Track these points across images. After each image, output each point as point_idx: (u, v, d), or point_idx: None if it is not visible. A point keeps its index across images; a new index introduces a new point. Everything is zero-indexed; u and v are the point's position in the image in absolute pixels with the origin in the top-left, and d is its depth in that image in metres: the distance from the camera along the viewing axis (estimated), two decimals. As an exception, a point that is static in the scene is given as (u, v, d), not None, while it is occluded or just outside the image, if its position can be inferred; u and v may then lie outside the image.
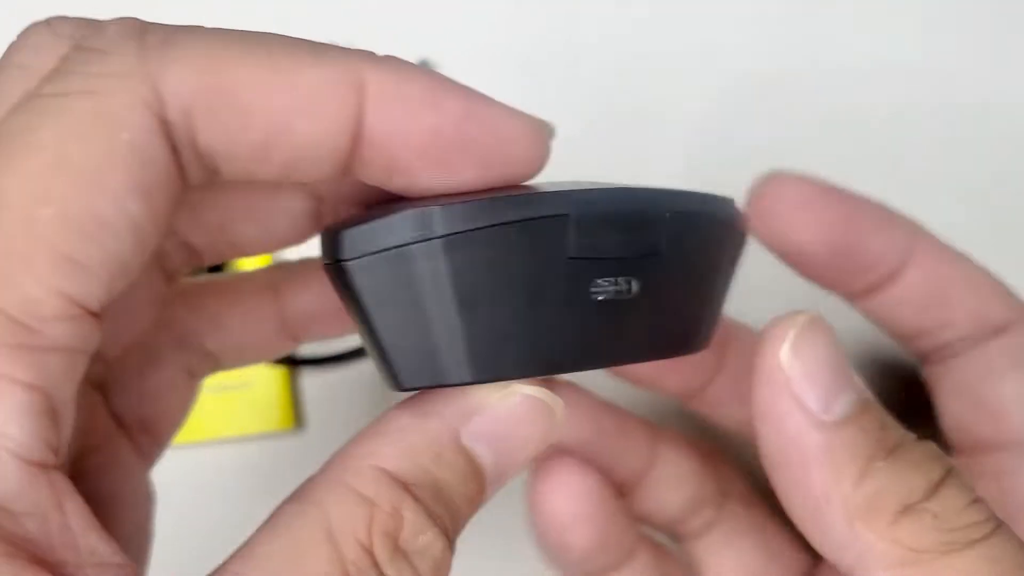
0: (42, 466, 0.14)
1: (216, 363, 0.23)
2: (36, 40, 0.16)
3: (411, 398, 0.18)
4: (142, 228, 0.15)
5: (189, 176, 0.16)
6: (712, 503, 0.26)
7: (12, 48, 0.17)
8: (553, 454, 0.25)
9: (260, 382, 0.32)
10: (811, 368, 0.18)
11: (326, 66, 0.16)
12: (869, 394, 0.19)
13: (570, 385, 0.25)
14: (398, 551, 0.16)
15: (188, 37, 0.16)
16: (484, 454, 0.17)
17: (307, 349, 0.33)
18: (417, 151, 0.16)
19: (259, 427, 0.32)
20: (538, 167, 0.17)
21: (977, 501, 0.17)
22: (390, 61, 0.16)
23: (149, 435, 0.22)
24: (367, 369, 0.33)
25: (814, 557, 0.26)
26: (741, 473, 0.27)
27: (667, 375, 0.25)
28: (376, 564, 0.15)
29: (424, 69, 0.16)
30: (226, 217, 0.20)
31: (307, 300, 0.22)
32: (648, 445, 0.25)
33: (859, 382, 0.19)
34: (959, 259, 0.24)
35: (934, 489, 0.17)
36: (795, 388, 0.18)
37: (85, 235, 0.14)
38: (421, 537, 0.16)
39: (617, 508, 0.25)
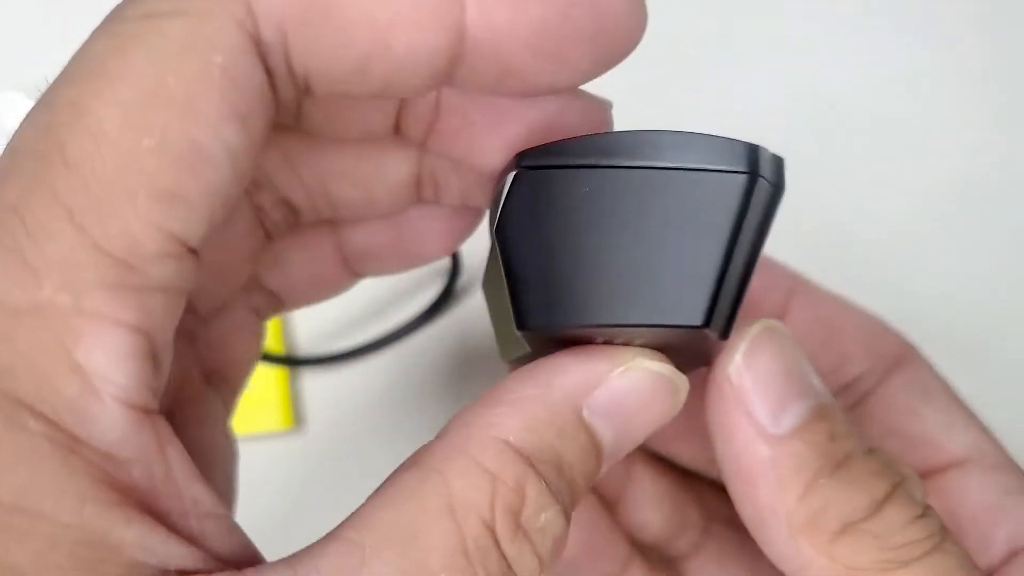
0: (145, 411, 0.14)
1: (279, 303, 0.22)
2: None
3: (530, 367, 0.17)
4: (239, 156, 0.14)
5: (282, 97, 0.15)
6: (695, 526, 0.26)
7: None
8: None
9: (260, 382, 0.32)
10: (762, 380, 0.18)
11: None
12: (827, 398, 0.18)
13: None
14: (519, 529, 0.15)
15: None
16: (604, 430, 0.17)
17: (307, 349, 0.33)
18: (527, 46, 0.15)
19: (259, 427, 0.32)
20: (639, 38, 0.16)
21: (922, 516, 0.17)
22: None
23: (226, 383, 0.21)
24: (367, 369, 0.33)
25: None
26: (726, 495, 0.27)
27: None
28: (497, 542, 0.15)
29: None
30: (327, 176, 0.20)
31: (366, 234, 0.21)
32: (623, 464, 0.25)
33: (818, 386, 0.18)
34: (838, 300, 0.25)
35: (877, 507, 0.17)
36: (744, 401, 0.18)
37: (185, 166, 0.13)
38: (543, 515, 0.15)
39: (605, 518, 0.25)
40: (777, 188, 0.17)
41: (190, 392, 0.19)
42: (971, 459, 0.23)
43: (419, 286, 0.34)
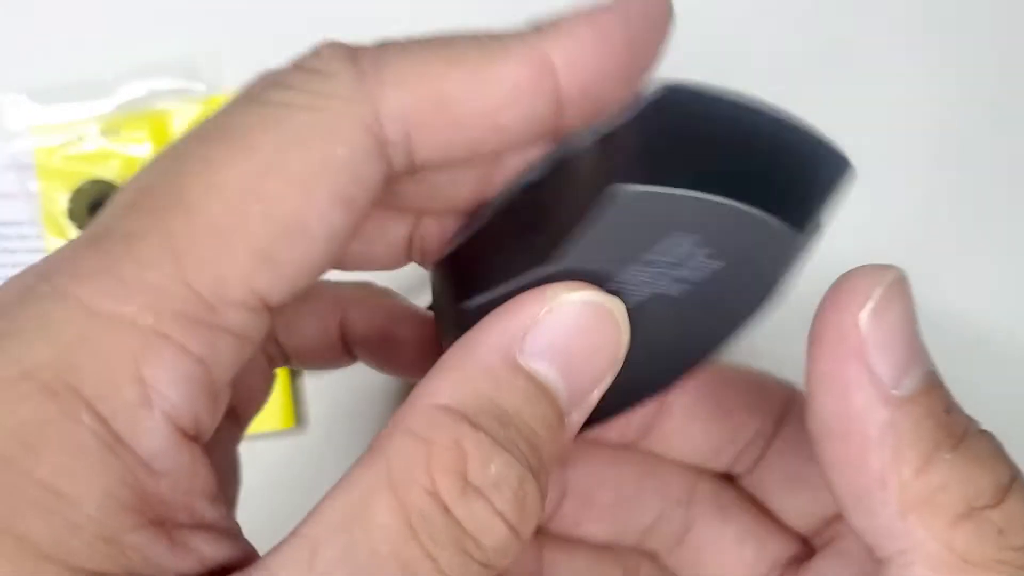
0: (187, 435, 0.15)
1: (286, 358, 0.23)
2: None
3: (465, 335, 0.17)
4: (338, 234, 0.16)
5: (394, 175, 0.17)
6: (757, 439, 0.24)
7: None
8: None
9: (261, 382, 0.32)
10: (889, 335, 0.16)
11: (515, 56, 0.16)
12: (936, 370, 0.17)
13: None
14: (468, 487, 0.15)
15: (395, 57, 0.16)
16: (547, 371, 0.16)
17: (307, 349, 0.34)
18: (613, 85, 0.17)
19: (259, 427, 0.32)
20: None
21: None
22: (563, 27, 0.17)
23: (236, 419, 0.23)
24: (367, 369, 0.33)
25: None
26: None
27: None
28: (446, 507, 0.15)
29: (586, 13, 0.17)
30: None
31: (364, 323, 0.23)
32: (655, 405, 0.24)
33: (928, 356, 0.17)
34: (718, 368, 0.24)
35: (1003, 494, 0.16)
36: (870, 356, 0.16)
37: (285, 236, 0.15)
38: (492, 466, 0.15)
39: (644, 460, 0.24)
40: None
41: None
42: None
43: (420, 285, 0.34)
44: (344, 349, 0.23)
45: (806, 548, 0.24)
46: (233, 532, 0.16)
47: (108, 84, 0.33)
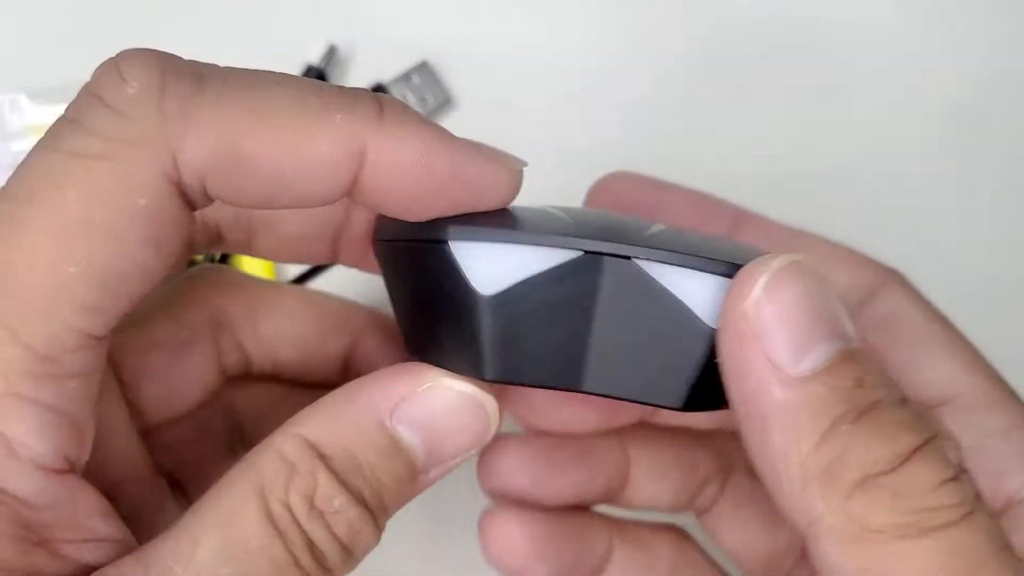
0: (58, 471, 0.17)
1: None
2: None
3: (354, 381, 0.19)
4: (153, 272, 0.17)
5: (197, 208, 0.18)
6: (714, 480, 0.26)
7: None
8: (496, 505, 0.26)
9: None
10: (783, 316, 0.16)
11: (329, 135, 0.17)
12: (859, 343, 0.17)
13: (513, 436, 0.25)
14: (314, 509, 0.17)
15: (204, 102, 0.17)
16: (411, 438, 0.19)
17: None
18: (406, 201, 0.18)
19: (260, 426, 0.32)
20: (509, 202, 0.19)
21: (953, 480, 0.16)
22: (392, 122, 0.18)
23: (187, 482, 0.24)
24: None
25: None
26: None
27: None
28: (297, 521, 0.17)
29: (422, 124, 0.18)
30: (256, 221, 0.23)
31: (375, 353, 0.25)
32: (619, 452, 0.25)
33: (851, 331, 0.17)
34: (792, 232, 0.24)
35: (902, 461, 0.16)
36: (762, 337, 0.16)
37: (104, 287, 0.16)
38: (336, 500, 0.18)
39: (571, 534, 0.25)
40: None
41: (142, 483, 0.22)
42: (948, 400, 0.22)
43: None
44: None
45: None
46: (126, 540, 0.18)
47: (108, 84, 0.33)
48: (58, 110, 0.17)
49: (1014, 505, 0.20)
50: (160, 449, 0.23)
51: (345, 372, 0.25)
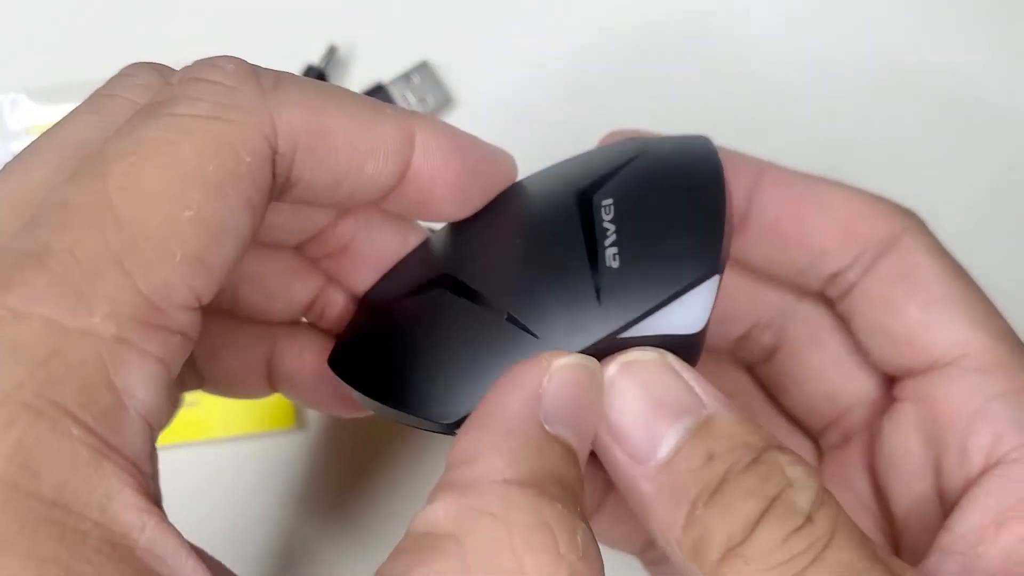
0: (152, 430, 0.16)
1: (201, 382, 0.24)
2: (146, 78, 0.19)
3: (478, 409, 0.18)
4: (246, 237, 0.18)
5: (273, 196, 0.19)
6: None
7: (118, 82, 0.19)
8: None
9: (261, 381, 0.32)
10: (629, 417, 0.19)
11: (389, 120, 0.19)
12: (713, 405, 0.19)
13: None
14: (561, 560, 0.16)
15: (289, 83, 0.19)
16: (567, 435, 0.18)
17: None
18: (446, 186, 0.20)
19: (259, 427, 0.32)
20: (513, 180, 0.22)
21: (801, 528, 0.17)
22: (429, 120, 0.20)
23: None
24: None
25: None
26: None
27: None
28: None
29: (449, 126, 0.21)
30: (244, 274, 0.23)
31: (294, 359, 0.24)
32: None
33: (700, 397, 0.19)
34: (814, 181, 0.24)
35: (751, 528, 0.17)
36: (621, 442, 0.19)
37: (213, 239, 0.17)
38: (578, 535, 0.16)
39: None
40: None
41: None
42: (957, 360, 0.22)
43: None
44: (268, 382, 0.24)
45: (889, 393, 0.24)
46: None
47: (108, 84, 0.34)
48: (58, 110, 0.17)
49: (1007, 463, 0.21)
50: None
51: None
